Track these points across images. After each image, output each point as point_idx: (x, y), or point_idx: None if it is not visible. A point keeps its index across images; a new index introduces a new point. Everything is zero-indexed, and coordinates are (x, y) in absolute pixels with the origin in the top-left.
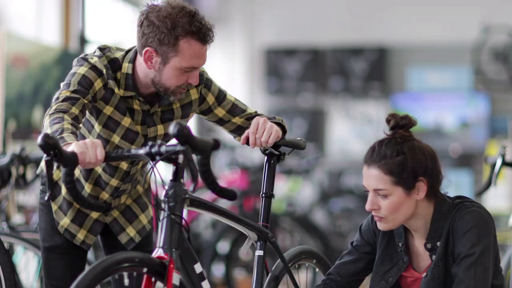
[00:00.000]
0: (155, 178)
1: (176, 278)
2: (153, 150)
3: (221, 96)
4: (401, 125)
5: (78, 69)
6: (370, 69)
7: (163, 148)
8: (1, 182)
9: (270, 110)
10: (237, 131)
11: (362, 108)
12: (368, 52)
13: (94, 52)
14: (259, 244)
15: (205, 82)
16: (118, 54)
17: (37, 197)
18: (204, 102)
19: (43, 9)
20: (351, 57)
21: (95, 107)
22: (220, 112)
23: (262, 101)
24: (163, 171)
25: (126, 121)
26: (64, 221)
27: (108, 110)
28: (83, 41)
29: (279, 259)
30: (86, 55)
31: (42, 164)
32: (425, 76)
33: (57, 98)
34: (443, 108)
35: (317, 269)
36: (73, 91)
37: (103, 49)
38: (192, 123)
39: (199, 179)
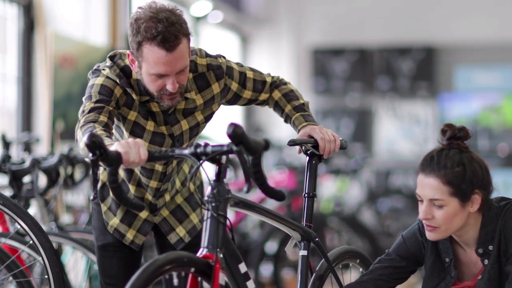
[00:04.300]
0: (207, 177)
1: (222, 278)
2: (198, 150)
3: (242, 78)
4: (458, 136)
5: (95, 80)
6: (417, 68)
7: (209, 149)
8: (49, 182)
9: (317, 110)
10: (263, 103)
11: (409, 108)
12: (415, 51)
13: (106, 62)
14: (302, 244)
15: (227, 73)
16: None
17: (90, 197)
18: (229, 92)
19: (90, 10)
20: (398, 57)
21: (121, 115)
22: (247, 94)
23: (310, 101)
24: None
25: (150, 125)
26: (114, 221)
27: (132, 115)
28: None
29: (323, 259)
30: (99, 66)
31: None
32: (473, 75)
33: (83, 112)
34: (490, 108)
35: (361, 269)
36: (96, 101)
37: (113, 57)
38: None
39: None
